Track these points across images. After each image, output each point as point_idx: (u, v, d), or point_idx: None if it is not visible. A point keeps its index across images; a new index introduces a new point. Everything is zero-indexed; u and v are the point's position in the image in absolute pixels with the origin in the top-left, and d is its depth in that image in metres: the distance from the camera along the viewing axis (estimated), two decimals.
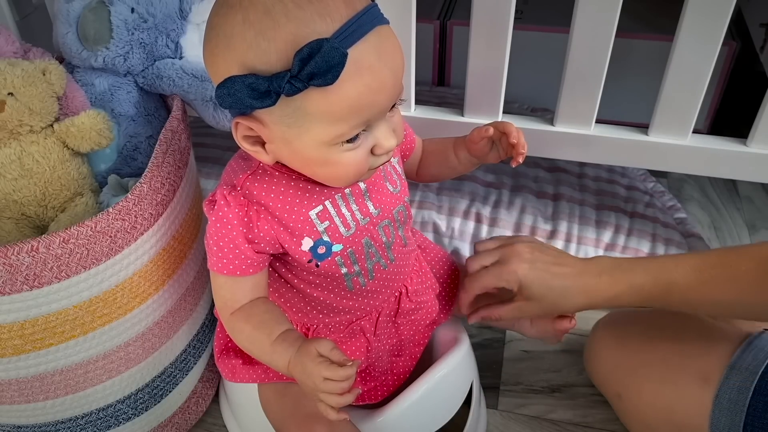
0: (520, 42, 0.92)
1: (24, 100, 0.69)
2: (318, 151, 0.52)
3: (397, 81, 0.52)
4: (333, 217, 0.59)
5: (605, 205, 1.10)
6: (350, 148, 0.53)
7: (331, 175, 0.55)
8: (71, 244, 0.60)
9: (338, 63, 0.46)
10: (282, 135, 0.52)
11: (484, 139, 0.66)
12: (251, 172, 0.58)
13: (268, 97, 0.48)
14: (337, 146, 0.52)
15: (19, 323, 0.62)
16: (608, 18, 0.77)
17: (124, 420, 0.74)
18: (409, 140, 0.71)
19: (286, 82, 0.47)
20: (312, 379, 0.52)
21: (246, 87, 0.48)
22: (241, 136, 0.54)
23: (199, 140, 1.21)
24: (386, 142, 0.54)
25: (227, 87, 0.48)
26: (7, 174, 0.70)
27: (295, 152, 0.53)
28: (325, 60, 0.45)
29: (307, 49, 0.46)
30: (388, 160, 0.57)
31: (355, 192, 0.61)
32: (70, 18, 0.76)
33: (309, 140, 0.51)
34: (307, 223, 0.58)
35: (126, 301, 0.66)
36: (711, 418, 0.66)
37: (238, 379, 0.69)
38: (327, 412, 0.53)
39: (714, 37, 0.77)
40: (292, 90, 0.47)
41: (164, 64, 0.79)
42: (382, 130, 0.53)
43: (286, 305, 0.65)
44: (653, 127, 0.86)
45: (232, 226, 0.57)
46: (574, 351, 0.93)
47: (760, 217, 1.17)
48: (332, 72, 0.46)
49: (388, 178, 0.64)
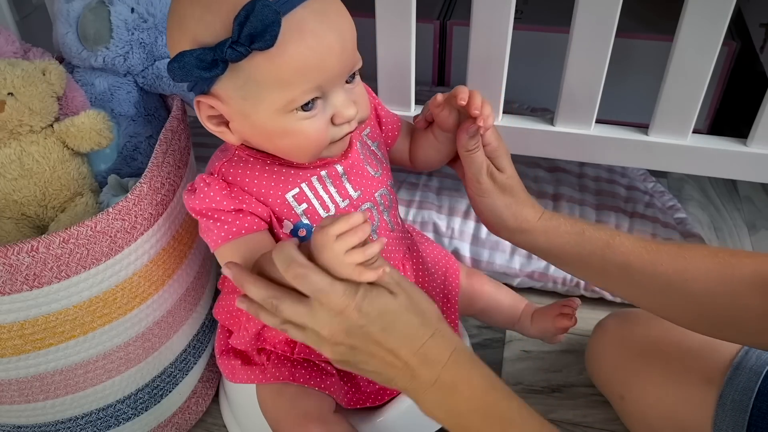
0: (520, 42, 0.92)
1: (24, 100, 0.68)
2: (275, 121, 0.54)
3: (346, 45, 0.53)
4: (311, 199, 0.60)
5: (605, 205, 1.10)
6: (307, 117, 0.54)
7: (293, 147, 0.56)
8: (71, 244, 0.60)
9: (272, 21, 0.48)
10: (239, 109, 0.54)
11: (441, 107, 0.63)
12: (227, 159, 0.60)
13: (215, 66, 0.50)
14: (293, 114, 0.53)
15: (19, 323, 0.62)
16: (608, 18, 0.77)
17: (124, 420, 0.74)
18: (392, 125, 0.71)
19: (228, 47, 0.49)
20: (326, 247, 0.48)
21: (195, 59, 0.50)
22: (205, 116, 0.56)
23: (199, 140, 1.21)
24: (345, 111, 0.55)
25: (177, 60, 0.51)
26: (7, 174, 0.70)
27: (255, 126, 0.55)
28: (259, 19, 0.47)
29: (243, 12, 0.48)
30: (354, 134, 0.59)
31: (332, 174, 0.61)
32: (70, 18, 0.76)
33: (264, 110, 0.53)
34: (284, 206, 0.59)
35: (126, 301, 0.66)
36: (714, 419, 0.66)
37: (237, 380, 0.69)
38: (363, 275, 0.49)
39: (714, 37, 0.77)
40: (235, 55, 0.49)
41: (164, 64, 0.79)
42: (340, 98, 0.55)
43: None
44: (653, 127, 0.86)
45: (220, 197, 0.57)
46: (574, 351, 0.93)
47: (760, 217, 1.17)
48: (269, 32, 0.48)
49: (368, 161, 0.64)
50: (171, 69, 0.51)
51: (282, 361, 0.67)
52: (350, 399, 0.68)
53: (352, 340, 0.50)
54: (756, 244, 1.11)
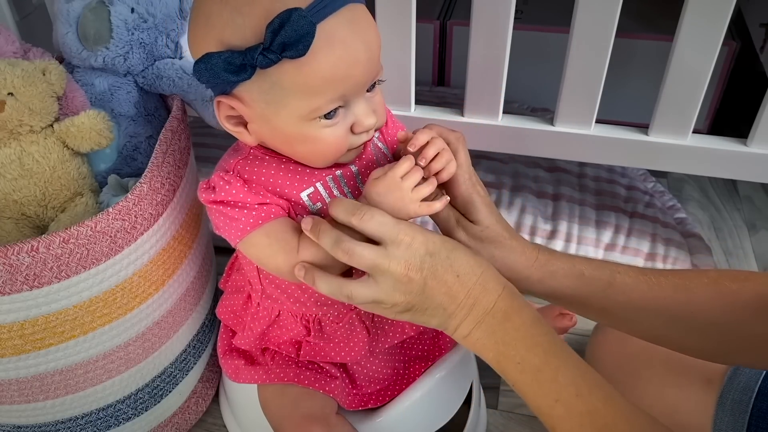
0: (520, 42, 0.92)
1: (24, 100, 0.68)
2: (296, 127, 0.53)
3: (372, 56, 0.53)
4: (325, 199, 0.59)
5: (605, 205, 1.10)
6: (328, 125, 0.53)
7: (311, 152, 0.56)
8: (71, 244, 0.60)
9: (307, 32, 0.47)
10: (261, 112, 0.53)
11: (404, 145, 0.58)
12: (242, 157, 0.59)
13: (243, 71, 0.50)
14: (315, 122, 0.53)
15: (19, 323, 0.62)
16: (608, 18, 0.77)
17: (124, 420, 0.74)
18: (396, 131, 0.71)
19: (259, 53, 0.48)
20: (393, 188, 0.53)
21: (222, 62, 0.49)
22: (223, 116, 0.55)
23: (199, 140, 1.21)
24: (366, 120, 0.55)
25: (204, 62, 0.50)
26: (7, 174, 0.70)
27: (275, 130, 0.54)
28: (294, 29, 0.47)
29: (277, 20, 0.47)
30: (369, 140, 0.58)
31: (346, 174, 0.61)
32: (70, 18, 0.76)
33: (287, 116, 0.53)
34: (299, 205, 0.59)
35: (126, 301, 0.66)
36: (714, 419, 0.66)
37: (241, 380, 0.69)
38: (432, 207, 0.54)
39: (714, 37, 0.77)
40: (266, 62, 0.49)
41: (164, 64, 0.79)
42: (361, 107, 0.55)
43: (283, 296, 0.65)
44: (653, 127, 0.86)
45: (243, 194, 0.56)
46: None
47: (760, 217, 1.17)
48: (302, 42, 0.48)
49: (381, 163, 0.64)
50: (197, 70, 0.50)
51: (286, 362, 0.67)
52: (352, 401, 0.68)
53: (425, 273, 0.51)
54: (756, 244, 1.11)
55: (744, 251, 1.11)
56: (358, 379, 0.69)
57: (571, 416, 0.49)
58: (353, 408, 0.68)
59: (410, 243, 0.51)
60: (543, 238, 1.05)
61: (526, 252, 0.60)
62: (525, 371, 0.51)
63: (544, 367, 0.51)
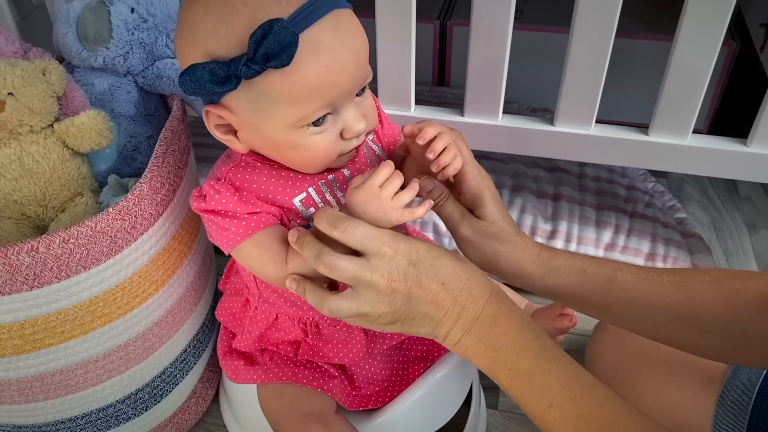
0: (520, 42, 0.92)
1: (24, 100, 0.68)
2: (285, 135, 0.53)
3: (359, 62, 0.52)
4: (317, 204, 0.59)
5: (605, 205, 1.10)
6: (317, 132, 0.53)
7: (302, 159, 0.56)
8: (71, 244, 0.60)
9: (290, 43, 0.47)
10: (249, 121, 0.53)
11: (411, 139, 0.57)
12: (234, 164, 0.59)
13: (228, 81, 0.50)
14: (304, 129, 0.53)
15: (19, 323, 0.62)
16: (608, 18, 0.77)
17: (124, 420, 0.74)
18: (392, 132, 0.71)
19: (243, 64, 0.48)
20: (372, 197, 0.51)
21: (207, 72, 0.49)
22: (213, 125, 0.55)
23: (199, 140, 1.21)
24: (355, 126, 0.54)
25: (189, 74, 0.50)
26: (7, 174, 0.70)
27: (264, 138, 0.54)
28: (276, 40, 0.47)
29: (260, 30, 0.47)
30: (360, 145, 0.58)
31: (339, 179, 0.61)
32: (70, 18, 0.76)
33: (274, 124, 0.53)
34: (292, 211, 0.59)
35: (126, 301, 0.66)
36: (714, 418, 0.66)
37: (241, 380, 0.69)
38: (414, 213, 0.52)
39: (714, 37, 0.77)
40: (250, 72, 0.49)
41: (164, 64, 0.79)
42: (351, 113, 0.54)
43: (280, 300, 0.65)
44: (653, 127, 0.86)
45: (233, 203, 0.56)
46: (574, 351, 0.92)
47: (760, 217, 1.17)
48: (286, 52, 0.47)
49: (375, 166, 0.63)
50: (183, 82, 0.50)
51: (285, 362, 0.67)
52: (352, 401, 0.68)
53: (409, 284, 0.51)
54: (756, 244, 1.11)
55: (744, 251, 1.11)
56: (357, 380, 0.69)
57: (566, 420, 0.49)
58: (353, 408, 0.68)
59: (393, 255, 0.51)
60: (543, 238, 1.05)
61: (529, 248, 0.60)
62: (516, 377, 0.51)
63: (536, 372, 0.50)
